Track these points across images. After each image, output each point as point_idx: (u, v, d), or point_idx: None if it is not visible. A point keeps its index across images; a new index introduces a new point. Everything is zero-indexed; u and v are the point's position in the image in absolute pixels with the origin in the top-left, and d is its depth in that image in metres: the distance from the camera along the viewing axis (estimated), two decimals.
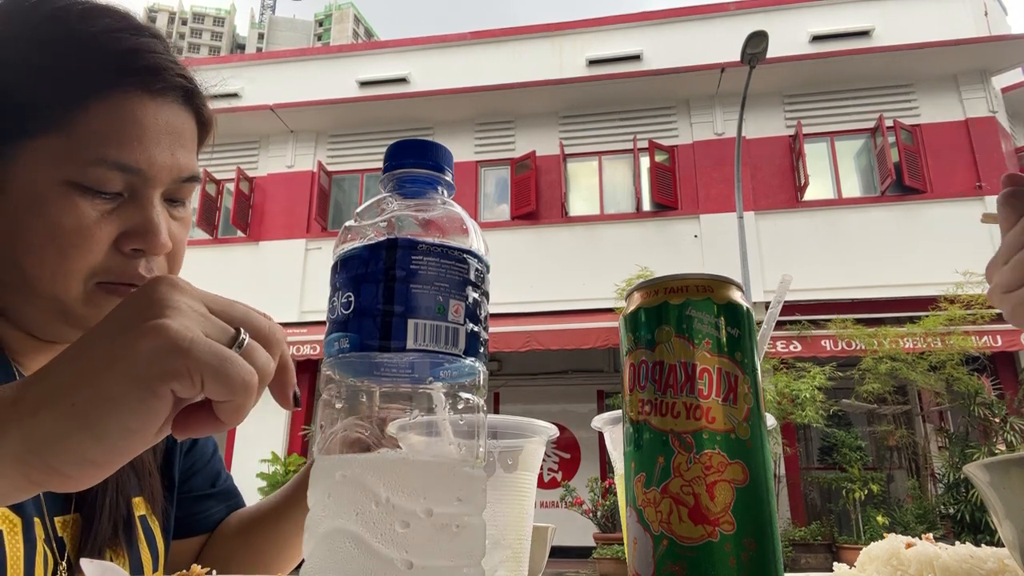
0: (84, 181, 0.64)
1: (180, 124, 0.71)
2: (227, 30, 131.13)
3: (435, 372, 0.46)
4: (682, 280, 0.48)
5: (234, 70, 13.87)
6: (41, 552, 0.65)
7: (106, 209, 0.66)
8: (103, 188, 0.65)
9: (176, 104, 0.71)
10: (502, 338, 10.20)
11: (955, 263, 9.55)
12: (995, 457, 0.51)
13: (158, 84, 0.68)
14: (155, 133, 0.68)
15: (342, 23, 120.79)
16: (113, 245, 0.67)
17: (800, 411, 8.69)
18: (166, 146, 0.69)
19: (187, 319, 0.41)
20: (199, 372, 0.40)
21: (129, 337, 0.40)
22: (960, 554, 0.64)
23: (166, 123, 0.69)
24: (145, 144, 0.67)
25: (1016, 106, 12.00)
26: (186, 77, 0.72)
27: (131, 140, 0.66)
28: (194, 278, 0.51)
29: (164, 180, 0.69)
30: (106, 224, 0.66)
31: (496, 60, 12.82)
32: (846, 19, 11.90)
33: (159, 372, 0.39)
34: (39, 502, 0.68)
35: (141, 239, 0.68)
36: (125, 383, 0.39)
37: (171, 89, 0.70)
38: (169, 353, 0.39)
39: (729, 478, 0.44)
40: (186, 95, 0.72)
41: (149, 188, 0.68)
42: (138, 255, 0.69)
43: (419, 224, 0.47)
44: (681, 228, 11.51)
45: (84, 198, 0.65)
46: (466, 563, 0.43)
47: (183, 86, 0.71)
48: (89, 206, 0.65)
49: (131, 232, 0.67)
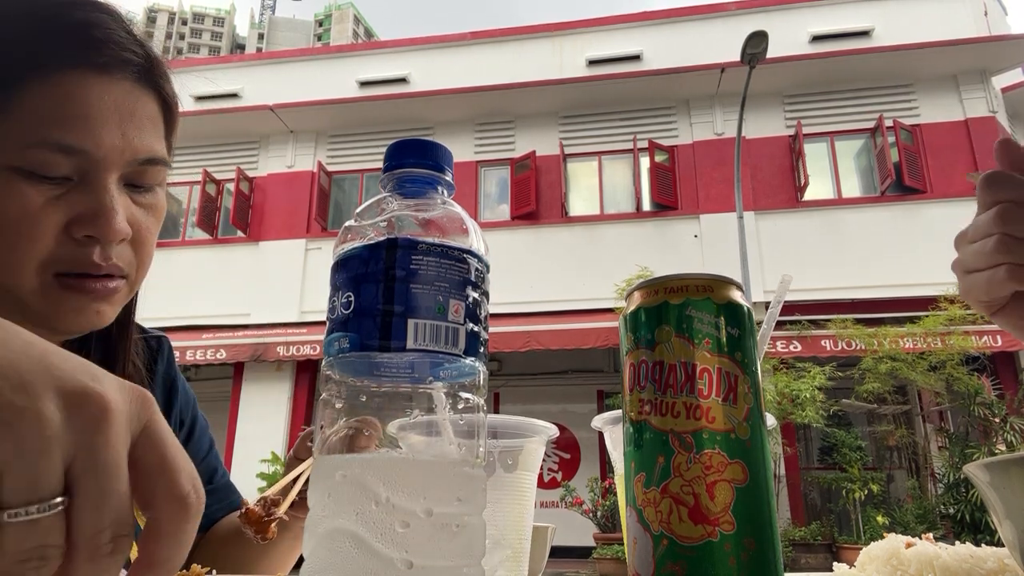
0: (26, 165, 0.60)
1: (132, 103, 0.66)
2: (227, 30, 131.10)
3: (435, 372, 0.46)
4: (682, 280, 0.48)
5: (234, 70, 13.89)
6: None
7: (53, 194, 0.62)
8: (47, 172, 0.61)
9: (127, 82, 0.66)
10: (502, 338, 10.20)
11: None
12: (995, 457, 0.51)
13: (104, 60, 0.64)
14: (102, 112, 0.63)
15: (342, 23, 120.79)
16: (64, 232, 0.63)
17: (800, 411, 8.68)
18: (114, 126, 0.64)
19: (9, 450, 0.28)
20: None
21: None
22: (960, 554, 0.64)
23: (114, 101, 0.64)
24: (91, 124, 0.62)
25: (1016, 106, 12.00)
26: (139, 53, 0.67)
27: (74, 120, 0.61)
28: (194, 278, 0.49)
29: (117, 162, 0.64)
30: (54, 210, 0.62)
31: (496, 60, 12.82)
32: (846, 19, 11.90)
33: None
34: None
35: (92, 225, 0.63)
36: None
37: (120, 65, 0.65)
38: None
39: (729, 478, 0.44)
40: (141, 72, 0.67)
41: (100, 171, 0.63)
42: (92, 242, 0.64)
43: (419, 224, 0.47)
44: (681, 228, 11.50)
45: (28, 183, 0.60)
46: (466, 563, 0.43)
47: (134, 62, 0.66)
48: (34, 191, 0.61)
49: (81, 217, 0.63)
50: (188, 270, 11.85)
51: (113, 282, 0.66)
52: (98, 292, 0.65)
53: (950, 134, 11.16)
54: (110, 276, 0.66)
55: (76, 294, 0.64)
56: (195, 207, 12.61)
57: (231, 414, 11.52)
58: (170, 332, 0.97)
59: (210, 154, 12.94)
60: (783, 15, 12.09)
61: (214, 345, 11.20)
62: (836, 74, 11.51)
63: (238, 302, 11.92)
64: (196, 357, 11.03)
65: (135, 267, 0.69)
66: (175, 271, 11.36)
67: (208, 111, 12.38)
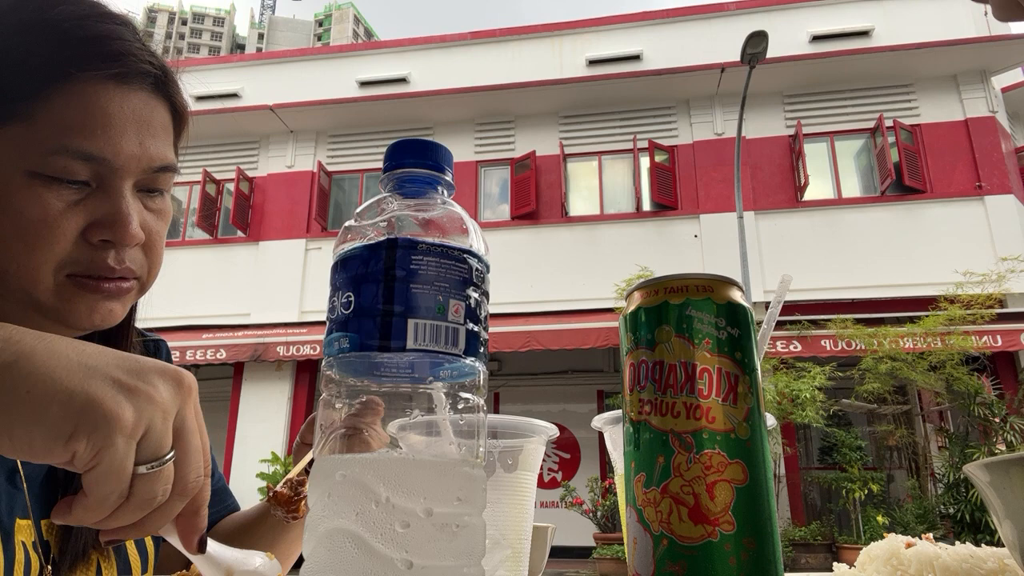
0: (47, 171, 0.63)
1: (149, 112, 0.69)
2: (227, 30, 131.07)
3: (435, 372, 0.46)
4: (682, 280, 0.48)
5: (234, 70, 13.88)
6: (22, 557, 0.65)
7: (72, 200, 0.64)
8: (67, 177, 0.64)
9: (144, 92, 0.69)
10: (502, 338, 10.20)
11: (955, 263, 9.56)
12: (995, 457, 0.51)
13: (124, 71, 0.66)
14: (121, 121, 0.66)
15: (342, 23, 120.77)
16: (81, 236, 0.65)
17: (800, 411, 8.68)
18: (132, 135, 0.67)
19: (141, 420, 0.42)
20: (92, 461, 0.41)
21: (92, 387, 0.41)
22: (960, 554, 0.64)
23: (132, 111, 0.67)
24: (110, 133, 0.65)
25: (1016, 106, 12.00)
26: (155, 64, 0.70)
27: (95, 129, 0.64)
28: (194, 278, 0.50)
29: (133, 170, 0.67)
30: (73, 215, 0.64)
31: (496, 60, 12.82)
32: (846, 19, 11.90)
33: (76, 435, 0.41)
34: (26, 506, 0.67)
35: (109, 230, 0.66)
36: (51, 422, 0.40)
37: (138, 76, 0.68)
38: (93, 429, 0.41)
39: (729, 478, 0.44)
40: (156, 83, 0.70)
41: (117, 178, 0.66)
42: (107, 246, 0.67)
43: (419, 224, 0.47)
44: (681, 228, 11.50)
45: (48, 189, 0.63)
46: (466, 563, 0.43)
47: (151, 73, 0.69)
48: (54, 196, 0.63)
49: (99, 223, 0.65)
50: (188, 270, 11.86)
51: (126, 283, 0.69)
52: (111, 291, 0.68)
53: (950, 134, 11.16)
54: (123, 278, 0.69)
55: (90, 293, 0.67)
56: (195, 207, 12.61)
57: (231, 414, 11.52)
58: (170, 332, 0.97)
59: (210, 154, 12.94)
60: (783, 15, 12.09)
61: (214, 345, 11.20)
62: (836, 74, 11.50)
63: (238, 302, 11.92)
64: (196, 357, 11.02)
65: (146, 270, 0.72)
66: (175, 271, 11.36)
67: (208, 111, 12.37)
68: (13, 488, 0.67)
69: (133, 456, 0.42)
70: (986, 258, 9.84)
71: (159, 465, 0.43)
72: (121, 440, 0.41)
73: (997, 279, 9.26)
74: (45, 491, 0.71)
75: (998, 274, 9.29)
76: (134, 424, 0.41)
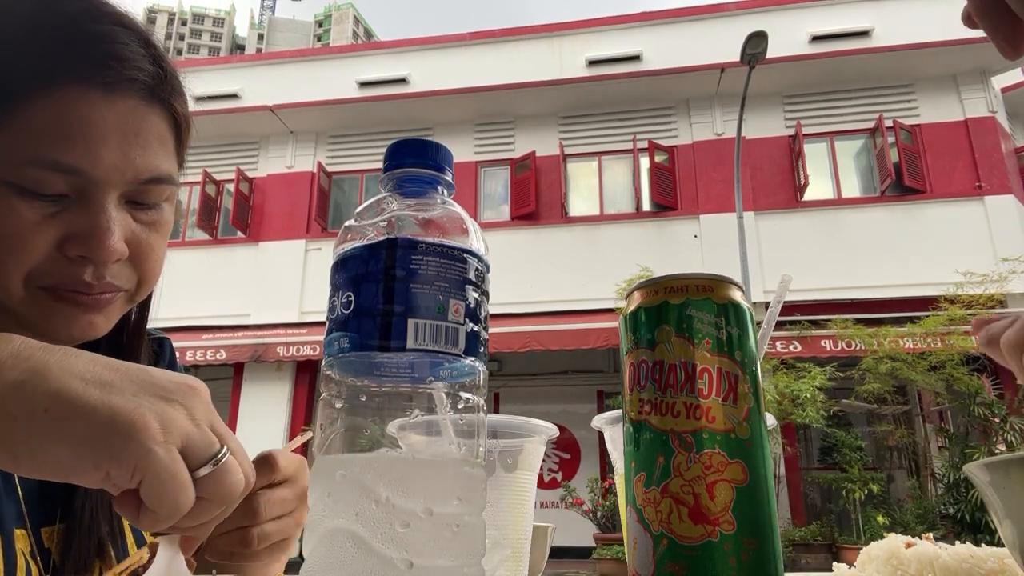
0: (20, 182, 0.59)
1: (137, 121, 0.64)
2: (227, 31, 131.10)
3: (435, 372, 0.46)
4: (682, 280, 0.48)
5: (234, 71, 13.87)
6: (23, 565, 0.63)
7: (48, 212, 0.60)
8: (40, 190, 0.60)
9: (133, 100, 0.63)
10: (502, 338, 10.20)
11: (955, 263, 9.56)
12: (995, 457, 0.51)
13: (108, 78, 0.61)
14: (102, 131, 0.61)
15: (342, 24, 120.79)
16: (57, 249, 0.61)
17: (800, 411, 8.69)
18: (115, 145, 0.62)
19: (175, 424, 0.43)
20: (141, 473, 0.41)
21: (114, 401, 0.41)
22: (960, 554, 0.65)
23: (117, 120, 0.62)
24: (90, 143, 0.60)
25: (1016, 106, 12.00)
26: (149, 70, 0.64)
27: (73, 139, 0.60)
28: (194, 279, 0.49)
29: (116, 181, 0.63)
30: (48, 227, 0.60)
31: (496, 60, 12.81)
32: (846, 19, 11.89)
33: (106, 452, 0.40)
34: (22, 514, 0.66)
35: (85, 245, 0.61)
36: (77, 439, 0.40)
37: (125, 83, 0.63)
38: (123, 443, 0.40)
39: (729, 478, 0.44)
40: (148, 89, 0.64)
41: (98, 191, 0.62)
42: (85, 262, 0.62)
43: (419, 224, 0.47)
44: (681, 228, 11.51)
45: (22, 200, 0.59)
46: (466, 563, 0.43)
47: (142, 80, 0.64)
48: (27, 208, 0.59)
49: (75, 236, 0.61)
50: (188, 270, 11.85)
51: (107, 295, 0.66)
52: (89, 304, 0.65)
53: (950, 134, 11.16)
54: (103, 292, 0.65)
55: (67, 305, 0.64)
56: (195, 207, 12.61)
57: (231, 415, 11.52)
58: (170, 332, 0.97)
59: (210, 154, 12.94)
60: (783, 15, 12.08)
61: (214, 346, 11.20)
62: (836, 74, 11.51)
63: (238, 302, 11.92)
64: (196, 358, 11.03)
65: (135, 282, 0.68)
66: (175, 271, 11.28)
67: (208, 112, 12.37)
68: (9, 497, 0.66)
69: (181, 461, 0.42)
70: (986, 258, 9.83)
71: (218, 462, 0.44)
72: (158, 448, 0.41)
73: (998, 279, 9.26)
74: (42, 499, 0.69)
75: (999, 274, 9.30)
76: (163, 431, 0.41)
